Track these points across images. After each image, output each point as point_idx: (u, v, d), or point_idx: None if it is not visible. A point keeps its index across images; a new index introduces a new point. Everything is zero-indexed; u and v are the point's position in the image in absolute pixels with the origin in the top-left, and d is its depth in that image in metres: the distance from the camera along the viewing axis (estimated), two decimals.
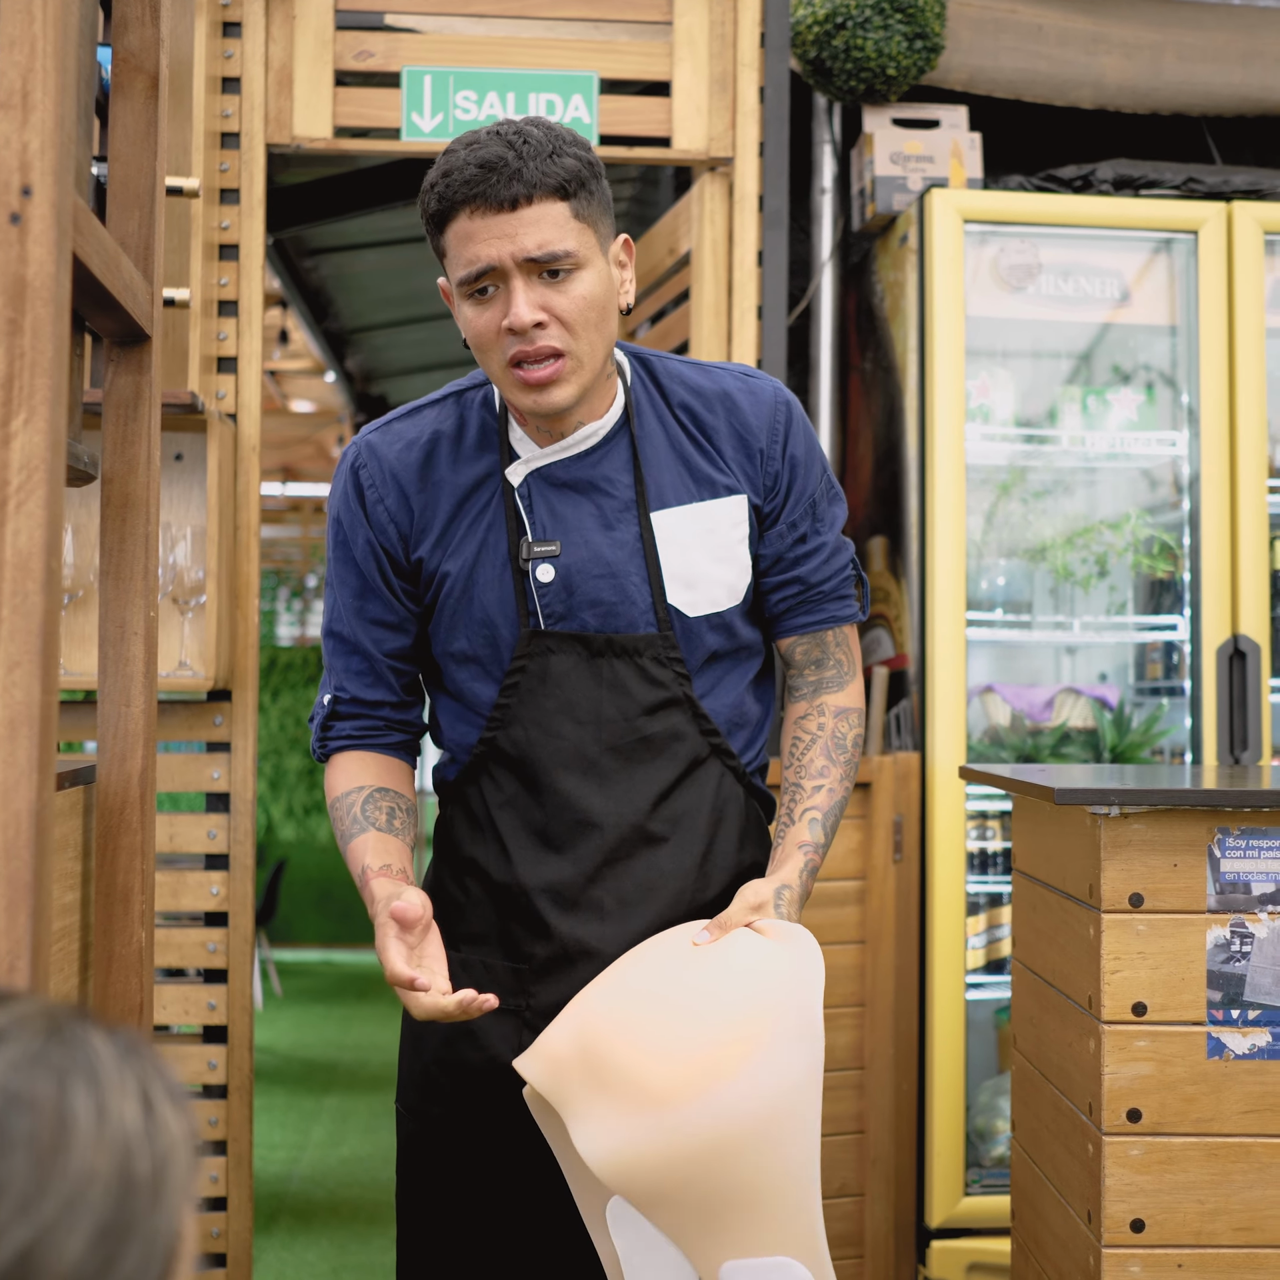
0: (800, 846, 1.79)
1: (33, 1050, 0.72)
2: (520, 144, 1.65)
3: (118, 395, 1.52)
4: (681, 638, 1.79)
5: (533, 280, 1.66)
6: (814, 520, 1.86)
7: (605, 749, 1.77)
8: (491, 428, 1.81)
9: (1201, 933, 1.92)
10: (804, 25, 3.49)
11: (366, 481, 1.81)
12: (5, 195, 1.10)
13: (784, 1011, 1.61)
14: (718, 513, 1.80)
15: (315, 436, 9.23)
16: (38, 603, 1.09)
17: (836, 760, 1.86)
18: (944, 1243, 3.19)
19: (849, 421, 3.83)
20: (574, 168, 1.67)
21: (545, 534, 1.77)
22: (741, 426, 1.82)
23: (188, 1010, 3.04)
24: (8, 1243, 0.66)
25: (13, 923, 1.07)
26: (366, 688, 1.85)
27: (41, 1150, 0.69)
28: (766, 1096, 1.58)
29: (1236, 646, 3.31)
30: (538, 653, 1.77)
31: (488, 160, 1.64)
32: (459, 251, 1.68)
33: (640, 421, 1.82)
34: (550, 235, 1.65)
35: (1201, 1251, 1.90)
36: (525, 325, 1.66)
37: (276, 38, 3.14)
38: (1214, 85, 3.78)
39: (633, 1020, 1.61)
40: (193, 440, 3.00)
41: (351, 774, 1.84)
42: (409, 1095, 1.87)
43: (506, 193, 1.64)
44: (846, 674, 1.91)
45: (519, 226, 1.64)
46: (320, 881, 7.99)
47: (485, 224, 1.65)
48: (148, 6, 1.54)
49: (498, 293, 1.68)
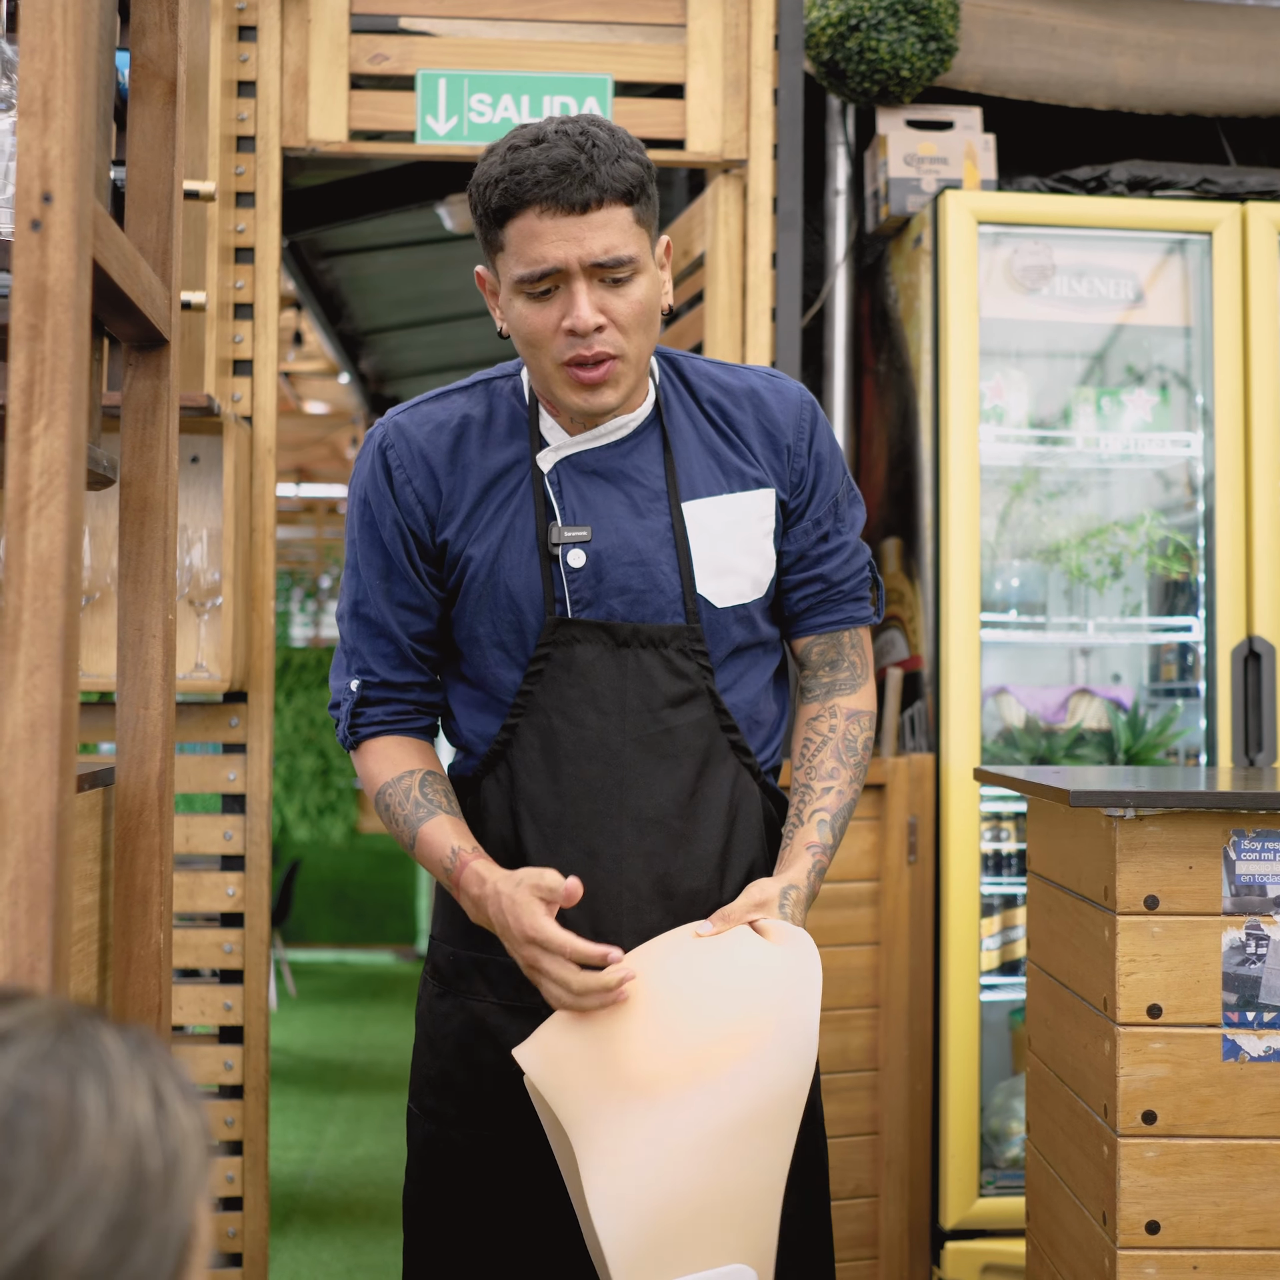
0: (809, 847, 1.79)
1: (43, 1049, 0.72)
2: (589, 146, 1.66)
3: (136, 399, 1.53)
4: (707, 629, 1.80)
5: (593, 283, 1.69)
6: (836, 519, 1.89)
7: (629, 740, 1.77)
8: (521, 415, 1.83)
9: (1217, 935, 1.92)
10: (818, 27, 3.49)
11: (394, 462, 1.81)
12: (26, 202, 1.11)
13: (776, 1018, 1.62)
14: (747, 505, 1.83)
15: (329, 438, 9.24)
16: (58, 606, 1.10)
17: (847, 762, 1.86)
18: (958, 1244, 3.19)
19: (863, 423, 3.83)
20: (637, 172, 1.69)
21: (575, 520, 1.78)
22: (769, 423, 1.85)
23: (204, 1011, 3.05)
24: (19, 1239, 0.67)
25: (34, 924, 1.08)
26: (395, 670, 1.84)
27: (52, 1148, 0.69)
28: (746, 1102, 1.58)
29: (1251, 648, 3.30)
30: (563, 641, 1.77)
31: (560, 161, 1.65)
32: (523, 249, 1.68)
33: (669, 416, 1.84)
34: (616, 240, 1.67)
35: (1217, 1253, 1.90)
36: (589, 328, 1.68)
37: (291, 41, 3.15)
38: (1228, 86, 3.77)
39: (629, 1013, 1.62)
40: (209, 443, 3.01)
41: (395, 759, 1.83)
42: (425, 1096, 1.87)
43: (579, 196, 1.65)
44: (860, 676, 1.92)
45: (587, 230, 1.66)
46: (334, 882, 8.00)
47: (554, 225, 1.66)
48: (165, 12, 1.55)
49: (557, 292, 1.70)
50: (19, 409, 1.10)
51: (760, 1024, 1.61)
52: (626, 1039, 1.60)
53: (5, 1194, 0.68)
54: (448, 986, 1.85)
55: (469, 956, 1.83)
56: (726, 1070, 1.58)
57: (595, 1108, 1.58)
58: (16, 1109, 0.70)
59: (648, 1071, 1.58)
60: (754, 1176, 1.60)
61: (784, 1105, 1.61)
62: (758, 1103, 1.59)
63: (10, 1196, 0.68)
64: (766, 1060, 1.60)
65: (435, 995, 1.87)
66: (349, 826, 8.03)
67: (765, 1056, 1.59)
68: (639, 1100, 1.57)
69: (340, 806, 8.03)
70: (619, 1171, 1.56)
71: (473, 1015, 1.82)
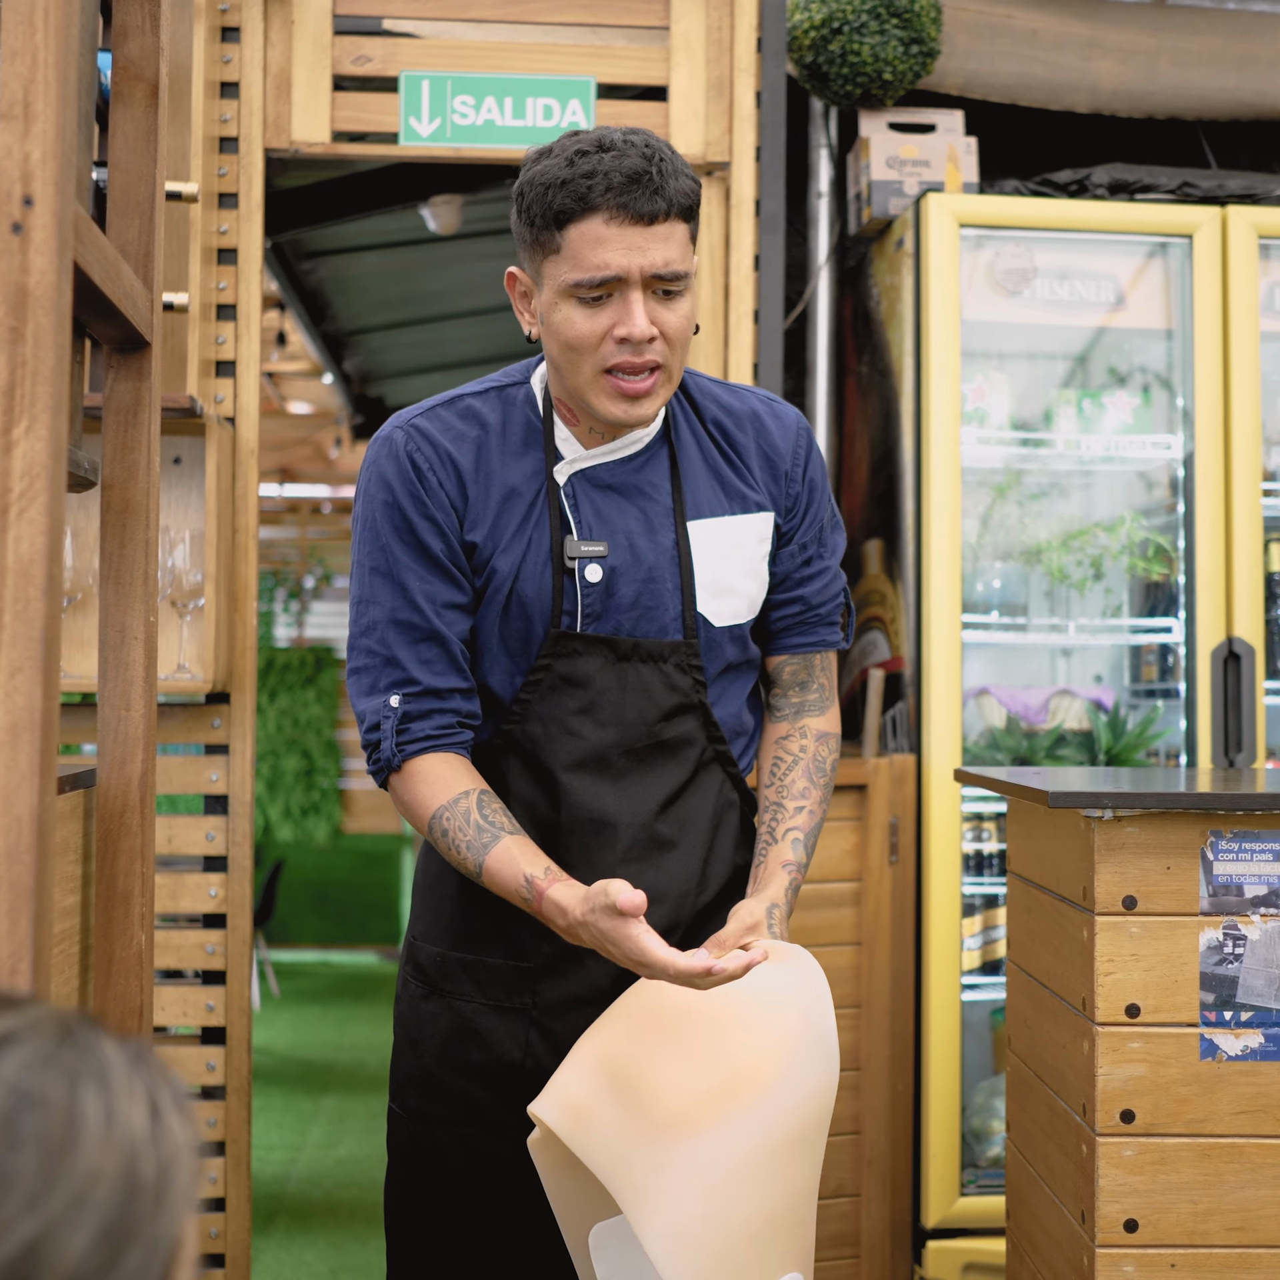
0: (784, 865, 1.81)
1: (45, 1052, 0.73)
2: (657, 159, 1.68)
3: (118, 402, 1.53)
4: (704, 646, 1.82)
5: (648, 294, 1.70)
6: (820, 545, 1.93)
7: (622, 750, 1.79)
8: (536, 426, 1.82)
9: (1194, 935, 1.93)
10: (800, 30, 3.50)
11: (425, 465, 1.78)
12: (7, 205, 1.11)
13: (796, 1037, 1.62)
14: (748, 527, 1.85)
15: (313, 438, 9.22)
16: (39, 609, 1.10)
17: (817, 783, 1.89)
18: (940, 1243, 3.20)
19: (845, 425, 3.84)
20: (695, 190, 1.72)
21: (591, 534, 1.79)
22: (769, 447, 1.88)
23: (186, 1012, 3.05)
24: (13, 1236, 0.67)
25: (14, 927, 1.08)
26: (438, 675, 1.77)
27: (50, 1148, 0.70)
28: (782, 1121, 1.58)
29: (1231, 649, 3.32)
30: (564, 653, 1.78)
31: (634, 171, 1.66)
32: (584, 254, 1.68)
33: (677, 434, 1.86)
34: (675, 254, 1.69)
35: (1194, 1251, 1.91)
36: (645, 337, 1.69)
37: (275, 43, 3.15)
38: (1209, 90, 3.79)
39: (648, 1051, 1.61)
40: (191, 444, 3.01)
41: (447, 780, 1.74)
42: (408, 1096, 1.87)
43: (649, 207, 1.66)
44: (828, 699, 1.96)
45: (651, 241, 1.68)
46: (317, 882, 7.99)
47: (621, 233, 1.67)
48: (148, 15, 1.55)
49: (610, 300, 1.70)
50: (0, 411, 1.10)
51: (782, 1044, 1.61)
52: (650, 1077, 1.59)
53: (3, 1190, 0.68)
54: (432, 987, 1.85)
55: (456, 958, 1.83)
56: (757, 1095, 1.58)
57: (629, 1152, 1.56)
58: (17, 1108, 0.70)
59: (678, 1107, 1.57)
60: (796, 1186, 1.61)
61: (818, 1116, 1.62)
62: (792, 1120, 1.59)
63: (8, 1193, 0.68)
64: (794, 1079, 1.60)
65: (419, 996, 1.87)
66: (332, 827, 8.03)
67: (792, 1073, 1.60)
68: (674, 1137, 1.55)
69: (324, 807, 8.03)
70: (670, 1213, 1.53)
71: (460, 1016, 1.83)
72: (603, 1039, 1.65)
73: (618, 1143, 1.57)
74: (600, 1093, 1.59)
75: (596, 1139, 1.57)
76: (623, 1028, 1.65)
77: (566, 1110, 1.60)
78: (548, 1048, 1.79)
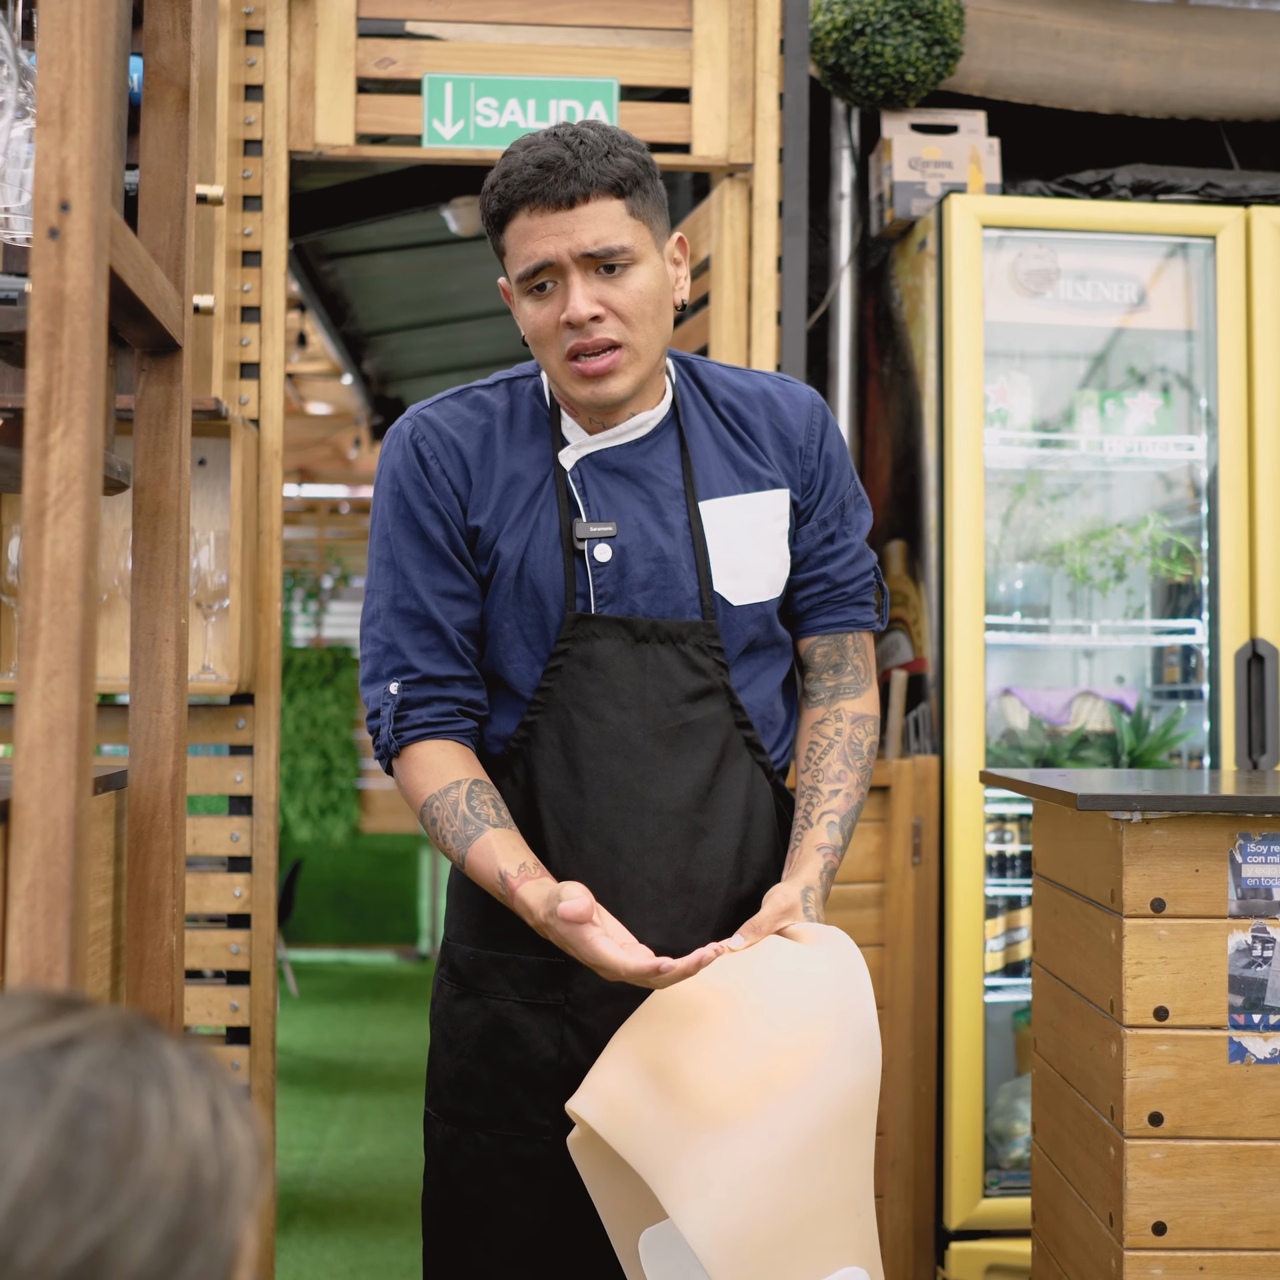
0: (819, 849, 1.80)
1: (110, 1055, 0.73)
2: (577, 144, 1.70)
3: (149, 405, 1.53)
4: (723, 627, 1.82)
5: (590, 276, 1.72)
6: (842, 521, 1.92)
7: (649, 734, 1.79)
8: (543, 415, 1.85)
9: (1223, 938, 1.93)
10: (823, 32, 3.50)
11: (428, 452, 1.81)
12: (44, 210, 1.12)
13: (835, 1019, 1.60)
14: (762, 504, 1.85)
15: (332, 439, 9.24)
16: (76, 612, 1.11)
17: (853, 766, 1.88)
18: (963, 1244, 3.19)
19: (867, 426, 3.84)
20: (629, 166, 1.72)
21: (600, 516, 1.80)
22: (781, 425, 1.88)
23: (210, 1012, 3.06)
24: (81, 1238, 0.68)
25: (51, 928, 1.09)
26: (437, 663, 1.79)
27: (116, 1151, 0.70)
28: (825, 1106, 1.55)
29: (1255, 650, 3.31)
30: (582, 636, 1.78)
31: (545, 160, 1.69)
32: (518, 249, 1.73)
33: (686, 417, 1.86)
34: (606, 231, 1.70)
35: (1223, 1254, 1.91)
36: (582, 318, 1.71)
37: (299, 45, 3.16)
38: (1231, 90, 3.78)
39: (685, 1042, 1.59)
40: (216, 445, 3.02)
41: (440, 768, 1.77)
42: (444, 1099, 1.86)
43: (564, 191, 1.69)
44: (863, 681, 1.94)
45: (576, 223, 1.70)
46: (336, 882, 8.00)
47: (544, 221, 1.70)
48: (179, 20, 1.55)
49: (556, 289, 1.73)
50: (37, 416, 1.11)
51: (821, 1029, 1.59)
52: (687, 1070, 1.57)
53: (71, 1192, 0.68)
54: (467, 987, 1.85)
55: (490, 956, 1.83)
56: (798, 1081, 1.55)
57: (670, 1145, 1.54)
58: (84, 1111, 0.71)
59: (717, 1097, 1.55)
60: (846, 1177, 1.58)
61: (862, 1101, 1.59)
62: (836, 1105, 1.57)
63: (76, 1195, 0.69)
64: (835, 1062, 1.58)
65: (453, 997, 1.87)
66: (351, 826, 8.04)
67: (833, 1059, 1.58)
68: (715, 1127, 1.53)
69: (342, 807, 8.04)
70: (714, 1205, 1.51)
71: (495, 1014, 1.82)
72: (638, 1033, 1.64)
73: (657, 1136, 1.55)
74: (638, 1087, 1.58)
75: (635, 1133, 1.56)
76: (658, 1021, 1.63)
77: (605, 1106, 1.59)
78: (582, 1044, 1.78)
